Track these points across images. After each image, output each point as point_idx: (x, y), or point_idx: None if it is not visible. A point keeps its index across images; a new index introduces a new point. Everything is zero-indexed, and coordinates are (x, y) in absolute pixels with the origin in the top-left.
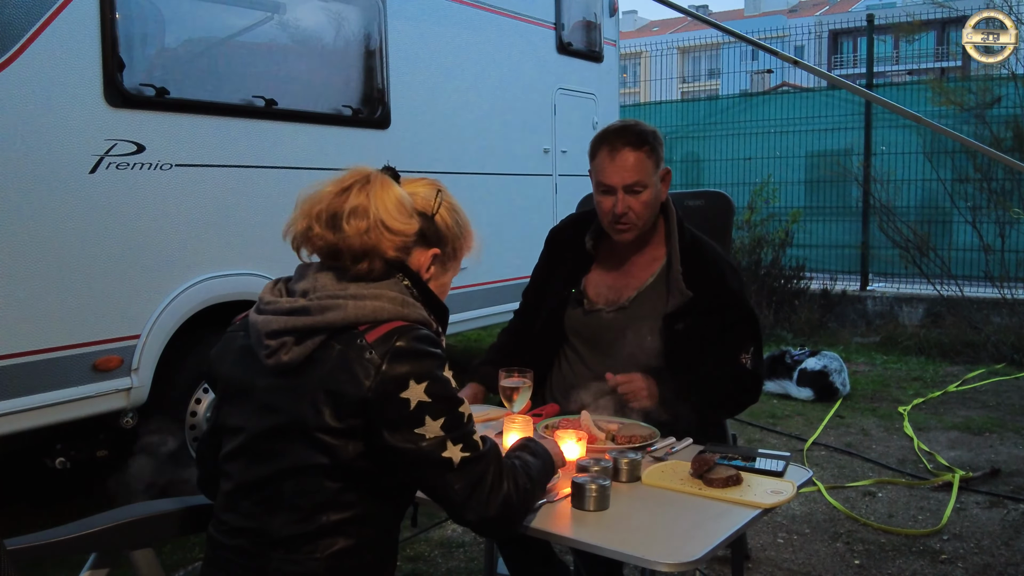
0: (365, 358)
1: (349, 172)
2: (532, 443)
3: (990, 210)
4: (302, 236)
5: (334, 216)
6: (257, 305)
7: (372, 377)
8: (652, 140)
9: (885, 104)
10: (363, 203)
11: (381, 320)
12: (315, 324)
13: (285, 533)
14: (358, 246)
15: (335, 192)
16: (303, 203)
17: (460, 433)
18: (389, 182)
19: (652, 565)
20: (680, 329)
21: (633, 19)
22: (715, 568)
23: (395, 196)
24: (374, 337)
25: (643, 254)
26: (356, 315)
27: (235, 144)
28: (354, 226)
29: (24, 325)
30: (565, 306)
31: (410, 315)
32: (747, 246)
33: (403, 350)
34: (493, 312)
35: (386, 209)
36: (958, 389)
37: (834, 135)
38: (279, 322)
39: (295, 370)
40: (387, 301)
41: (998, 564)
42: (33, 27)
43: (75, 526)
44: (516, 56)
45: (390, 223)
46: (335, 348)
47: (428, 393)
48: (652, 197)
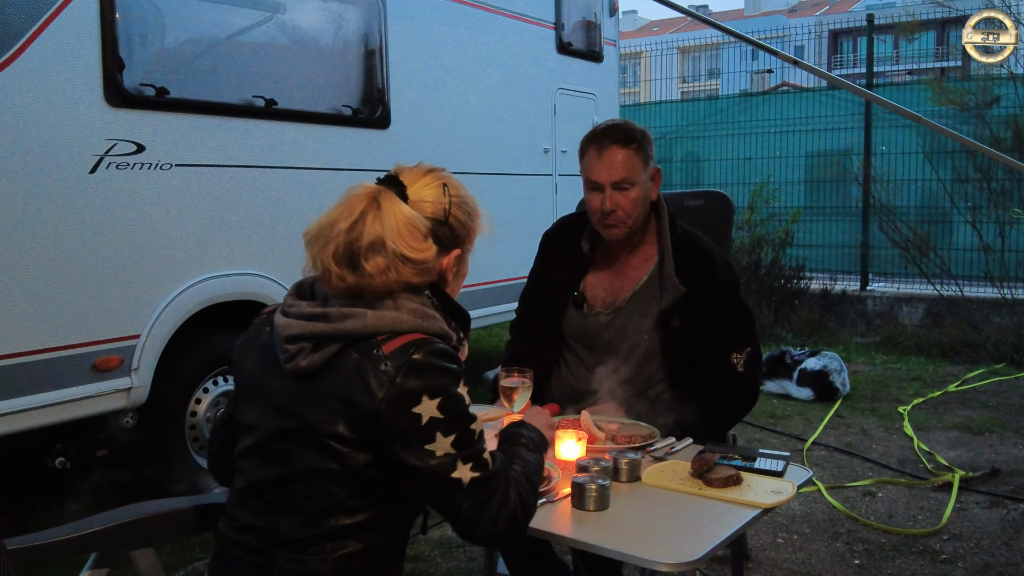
0: (380, 369)
1: (356, 196)
2: (525, 431)
3: (990, 210)
4: (323, 280)
5: (352, 255)
6: (282, 306)
7: (385, 389)
8: (640, 138)
9: (885, 104)
10: (379, 234)
11: (400, 331)
12: (333, 331)
13: (293, 534)
14: (380, 285)
15: (347, 227)
16: (314, 243)
17: (471, 452)
18: (396, 201)
19: (652, 565)
20: (675, 325)
21: (633, 19)
22: (715, 568)
23: (406, 219)
24: (391, 348)
25: (636, 254)
26: (375, 325)
27: (235, 144)
28: (374, 264)
29: (24, 325)
30: (565, 310)
31: (430, 328)
32: (747, 246)
33: (419, 364)
34: (493, 312)
35: (401, 238)
36: (958, 389)
37: (834, 135)
38: (298, 327)
39: (312, 375)
40: (407, 312)
41: (998, 564)
42: (33, 27)
43: (75, 526)
44: (516, 56)
45: (408, 254)
46: (352, 356)
47: (441, 409)
48: (641, 195)
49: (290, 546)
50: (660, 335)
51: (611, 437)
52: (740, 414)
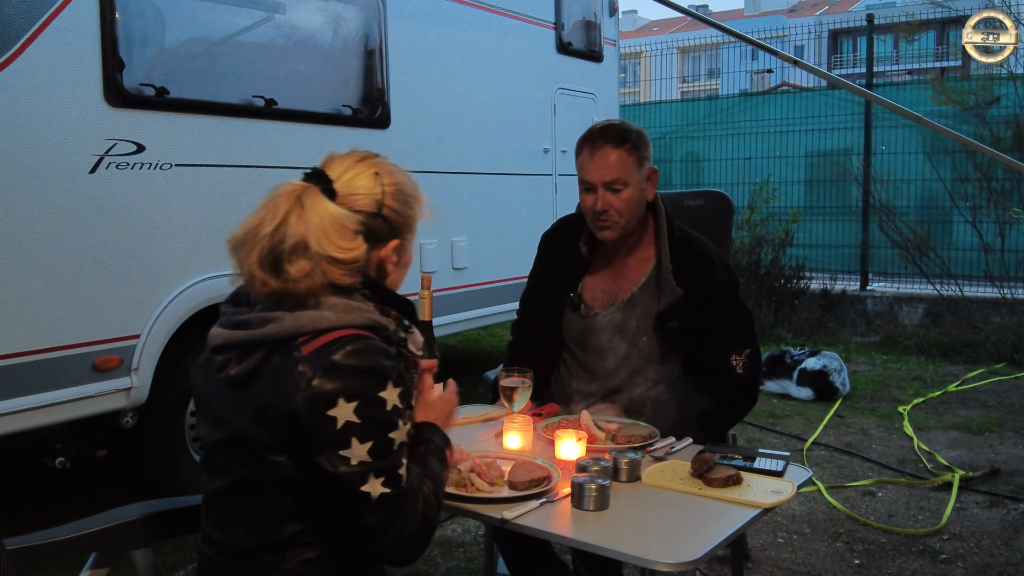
0: (297, 371)
1: (280, 196)
2: (437, 438)
3: (990, 210)
4: (247, 286)
5: (275, 260)
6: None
7: (301, 391)
8: (635, 139)
9: (885, 104)
10: (302, 235)
11: (322, 329)
12: (255, 338)
13: (248, 544)
14: (304, 290)
15: (271, 231)
16: (239, 249)
17: (385, 464)
18: (321, 199)
19: (652, 565)
20: (674, 327)
21: (633, 19)
22: (715, 568)
23: (332, 217)
24: (310, 349)
25: (634, 255)
26: (294, 326)
27: (235, 144)
28: (297, 268)
29: (24, 325)
30: (563, 311)
31: (355, 321)
32: (747, 246)
33: (336, 365)
34: (493, 312)
35: (327, 238)
36: (958, 389)
37: (834, 135)
38: (223, 336)
39: (242, 384)
40: (328, 308)
41: (998, 564)
42: (33, 27)
43: (75, 526)
44: (516, 56)
45: (335, 254)
46: (274, 361)
47: (357, 413)
48: (635, 195)
49: (247, 555)
50: (658, 337)
51: (611, 437)
52: (739, 415)
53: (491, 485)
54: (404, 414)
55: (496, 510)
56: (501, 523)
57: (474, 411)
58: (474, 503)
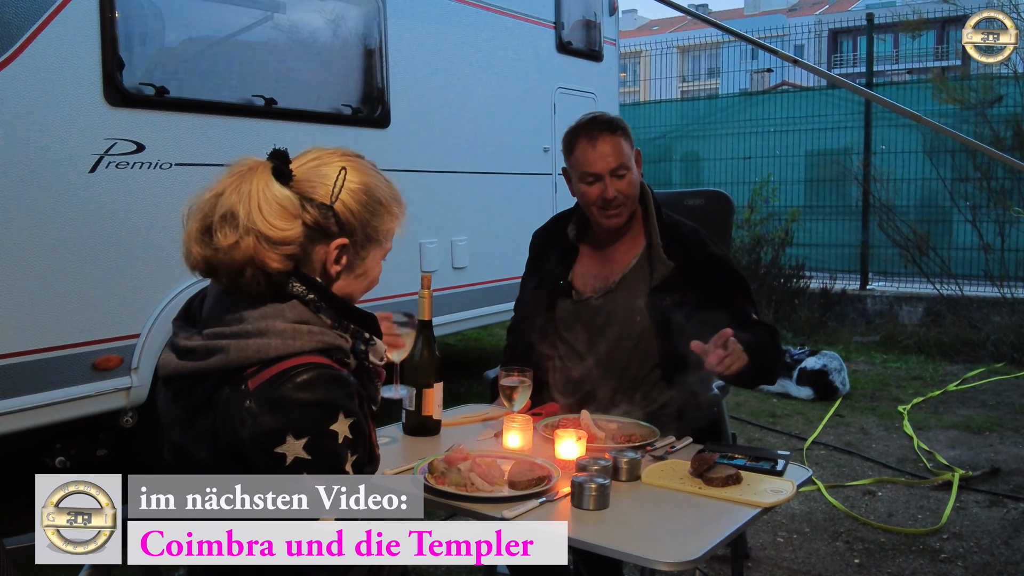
0: (244, 408)
1: (232, 166)
2: None
3: (990, 209)
4: (184, 253)
5: (207, 226)
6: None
7: (247, 428)
8: (623, 124)
9: (885, 103)
10: (234, 206)
11: (269, 360)
12: (202, 369)
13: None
14: (229, 261)
15: (210, 196)
16: (187, 221)
17: None
18: (268, 178)
19: (652, 564)
20: (668, 303)
21: (633, 18)
22: (715, 567)
23: (273, 196)
24: (257, 383)
25: (624, 240)
26: (239, 357)
27: (235, 143)
28: (223, 235)
29: (24, 324)
30: (556, 301)
31: (304, 347)
32: (747, 245)
33: (282, 400)
34: (492, 311)
35: (260, 214)
36: (958, 388)
37: (834, 134)
38: (173, 366)
39: (195, 414)
40: (274, 336)
41: (998, 563)
42: (33, 26)
43: None
44: (516, 55)
45: (266, 231)
46: (224, 393)
47: (307, 449)
48: (635, 177)
49: None
50: (652, 315)
51: (611, 436)
52: (782, 362)
53: (491, 485)
54: (357, 444)
55: (496, 510)
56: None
57: (474, 411)
58: (474, 503)
